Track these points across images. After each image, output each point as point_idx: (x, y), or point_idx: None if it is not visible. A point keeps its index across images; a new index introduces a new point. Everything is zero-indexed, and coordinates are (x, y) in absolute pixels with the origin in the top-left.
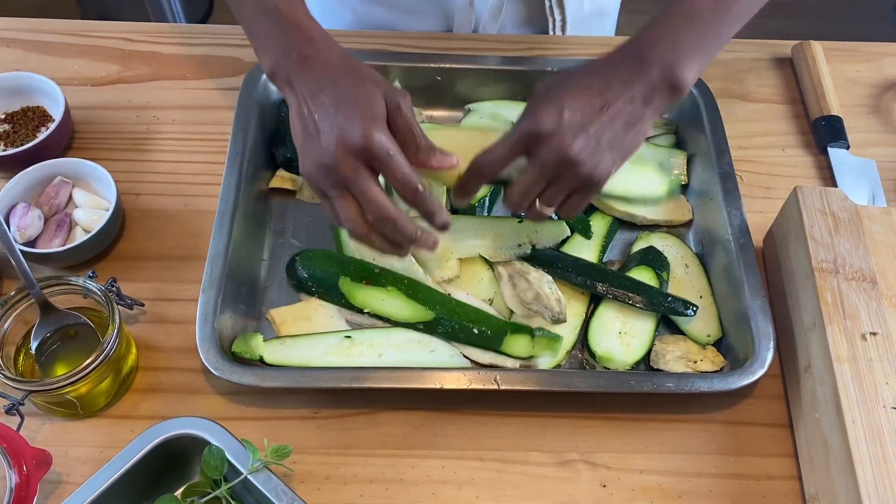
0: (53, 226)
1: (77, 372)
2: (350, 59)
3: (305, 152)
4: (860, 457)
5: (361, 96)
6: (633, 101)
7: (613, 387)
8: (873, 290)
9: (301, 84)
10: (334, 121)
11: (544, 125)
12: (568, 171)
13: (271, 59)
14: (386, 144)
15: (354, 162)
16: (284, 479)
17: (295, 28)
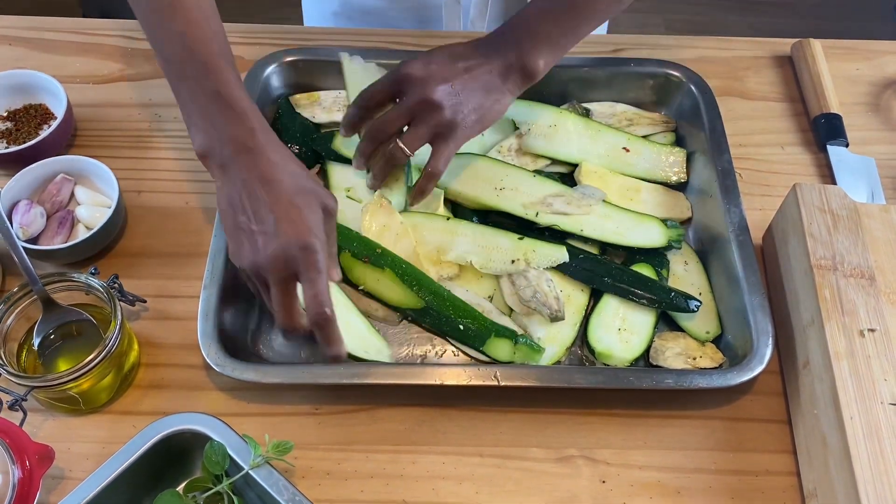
0: (56, 223)
1: (79, 368)
2: (290, 157)
3: (238, 245)
4: (858, 453)
5: (303, 203)
6: (492, 72)
7: (613, 383)
8: (872, 287)
9: (238, 174)
10: (273, 222)
11: (414, 70)
12: (430, 113)
13: (207, 141)
14: (320, 260)
15: (284, 270)
16: (286, 474)
17: (237, 117)
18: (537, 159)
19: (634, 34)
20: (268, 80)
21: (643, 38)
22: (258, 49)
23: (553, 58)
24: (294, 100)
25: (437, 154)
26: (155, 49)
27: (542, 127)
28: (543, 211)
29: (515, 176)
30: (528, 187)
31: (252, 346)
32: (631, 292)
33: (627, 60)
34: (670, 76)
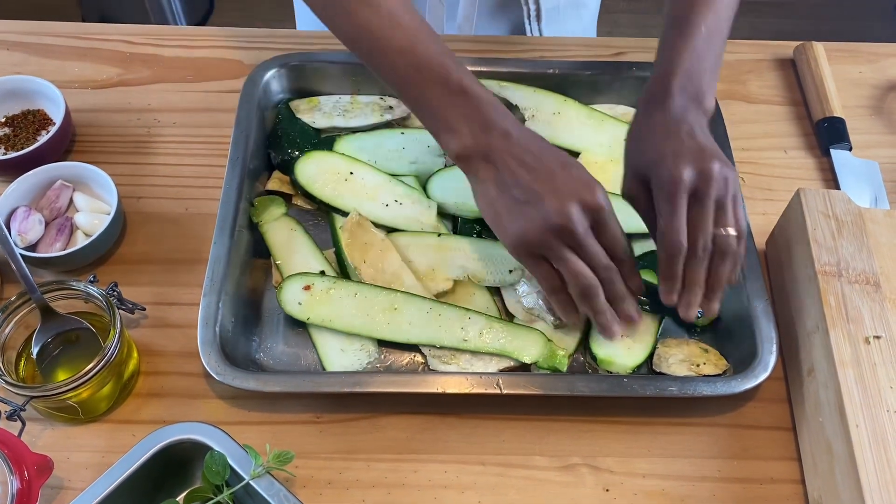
0: (54, 230)
1: (78, 377)
2: (542, 136)
3: (520, 218)
4: (864, 461)
5: (575, 163)
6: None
7: (616, 391)
8: (877, 294)
9: (505, 157)
10: (558, 182)
11: (684, 172)
12: (721, 185)
13: (468, 138)
14: (609, 203)
15: (586, 220)
16: (286, 483)
17: (489, 107)
18: None
19: (636, 37)
20: (267, 85)
21: (644, 41)
22: (258, 53)
23: (715, 85)
24: (294, 105)
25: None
26: (385, 72)
27: (546, 114)
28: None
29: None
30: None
31: (253, 354)
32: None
33: (629, 65)
34: None
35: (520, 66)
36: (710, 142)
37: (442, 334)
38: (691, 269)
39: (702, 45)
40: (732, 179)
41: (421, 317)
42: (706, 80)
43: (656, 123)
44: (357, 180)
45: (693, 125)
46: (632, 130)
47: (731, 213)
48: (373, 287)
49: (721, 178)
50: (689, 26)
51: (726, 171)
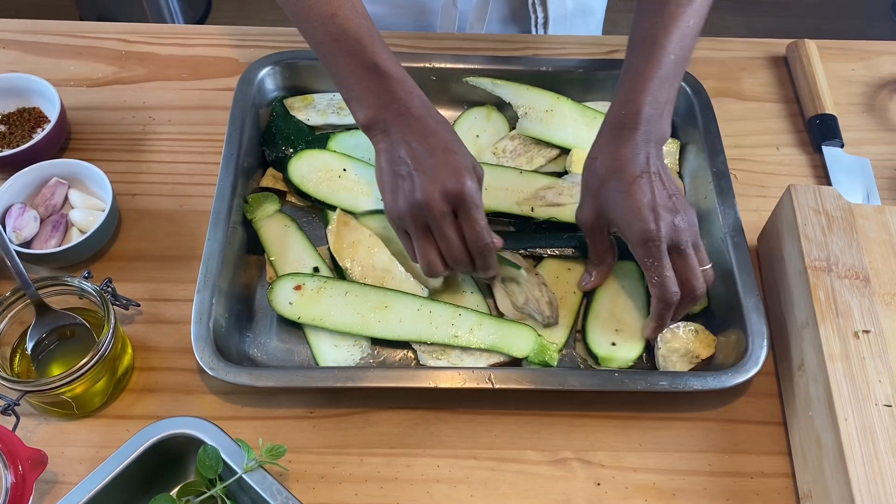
0: (49, 227)
1: (73, 372)
2: (445, 123)
3: (396, 191)
4: (852, 454)
5: (459, 149)
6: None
7: (608, 385)
8: (866, 289)
9: (399, 132)
10: (432, 165)
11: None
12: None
13: (371, 109)
14: (477, 193)
15: (445, 205)
16: (279, 478)
17: (396, 83)
18: (533, 160)
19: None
20: (262, 83)
21: None
22: (253, 51)
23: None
24: (288, 103)
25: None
26: (306, 36)
27: (539, 111)
28: (538, 205)
29: (504, 176)
30: (519, 185)
31: (246, 350)
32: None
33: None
34: None
35: (514, 63)
36: (672, 185)
37: (433, 331)
38: (679, 309)
39: (669, 71)
40: (695, 220)
41: (412, 314)
42: (668, 109)
43: (624, 162)
44: (350, 177)
45: (659, 167)
46: (596, 158)
47: (703, 253)
48: (363, 286)
49: (690, 224)
50: (657, 51)
51: (690, 214)
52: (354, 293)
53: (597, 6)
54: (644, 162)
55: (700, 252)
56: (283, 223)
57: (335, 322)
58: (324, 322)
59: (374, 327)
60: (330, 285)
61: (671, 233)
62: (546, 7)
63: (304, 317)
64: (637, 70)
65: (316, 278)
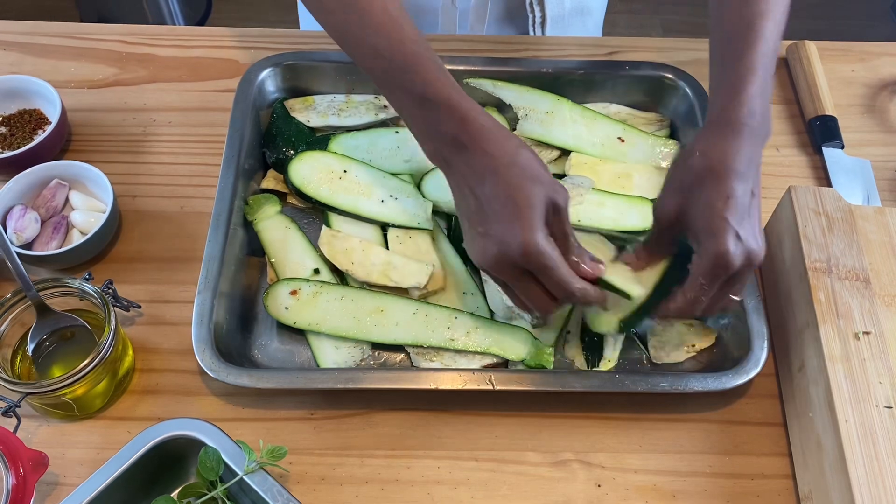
0: (50, 228)
1: (74, 374)
2: (508, 143)
3: (471, 244)
4: (853, 456)
5: (521, 199)
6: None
7: (608, 387)
8: (866, 290)
9: (458, 173)
10: (494, 225)
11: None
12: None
13: (427, 143)
14: (545, 256)
15: (513, 269)
16: (280, 479)
17: (446, 112)
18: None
19: (630, 37)
20: (262, 84)
21: (639, 40)
22: (254, 53)
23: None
24: (289, 104)
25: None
26: (358, 62)
27: (539, 113)
28: None
29: None
30: None
31: (247, 351)
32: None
33: (622, 63)
34: (665, 79)
35: (514, 65)
36: (757, 213)
37: (429, 334)
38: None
39: (769, 60)
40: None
41: (407, 318)
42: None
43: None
44: (351, 178)
45: (756, 179)
46: (695, 153)
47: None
48: (359, 290)
49: (755, 261)
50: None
51: (761, 253)
52: (350, 297)
53: (595, 6)
54: (745, 169)
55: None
56: (284, 225)
57: (331, 326)
58: (320, 327)
59: (371, 331)
60: (326, 290)
61: (738, 267)
62: (543, 6)
63: (300, 321)
64: (738, 58)
65: (312, 283)
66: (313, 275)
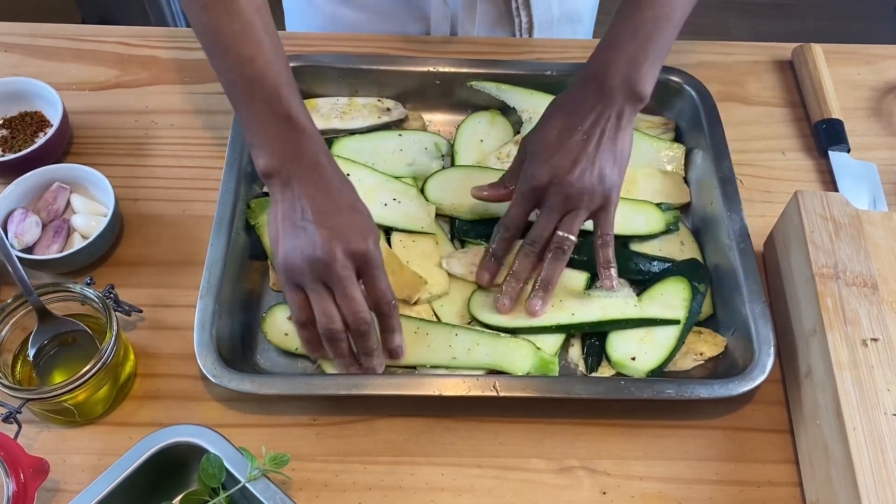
0: (51, 232)
1: (75, 379)
2: (348, 182)
3: (292, 243)
4: (861, 464)
5: (364, 210)
6: (608, 121)
7: (613, 393)
8: (874, 296)
9: (303, 186)
10: (337, 221)
11: (541, 179)
12: (579, 201)
13: (276, 159)
14: (380, 256)
15: (349, 263)
16: (283, 486)
17: (307, 138)
18: None
19: None
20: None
21: None
22: None
23: (655, 75)
24: None
25: (603, 223)
26: (219, 73)
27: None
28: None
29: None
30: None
31: (249, 356)
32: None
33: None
34: (670, 82)
35: (517, 67)
36: (604, 149)
37: (431, 354)
38: (517, 262)
39: (648, 28)
40: (599, 194)
41: (409, 338)
42: (647, 69)
43: (568, 113)
44: (354, 182)
45: (600, 123)
46: (556, 98)
47: (577, 223)
48: None
49: (579, 193)
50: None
51: (590, 185)
52: None
53: (585, 13)
54: (577, 115)
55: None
56: None
57: None
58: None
59: None
60: None
61: (546, 182)
62: (530, 11)
63: (300, 347)
64: (612, 30)
65: None
66: None
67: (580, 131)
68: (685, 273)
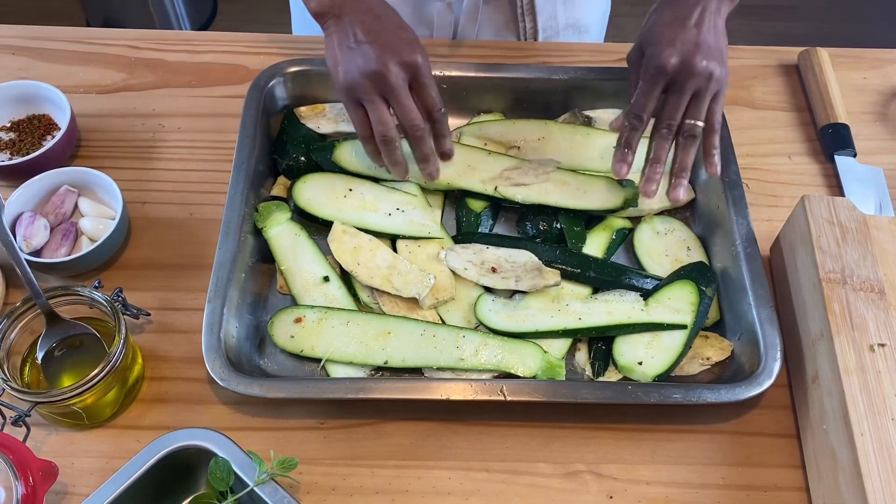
0: (59, 235)
1: (83, 383)
2: (394, 8)
3: (349, 63)
4: (869, 470)
5: (410, 29)
6: (712, 15)
7: (621, 398)
8: (881, 301)
9: (352, 14)
10: (388, 38)
11: (668, 60)
12: (704, 83)
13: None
14: (429, 65)
15: (402, 73)
16: (290, 489)
17: None
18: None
19: None
20: (272, 91)
21: None
22: (262, 59)
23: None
24: (298, 112)
25: (717, 109)
26: None
27: (531, 142)
28: (502, 185)
29: (471, 155)
30: (485, 164)
31: (257, 360)
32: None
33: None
34: None
35: (525, 71)
36: (712, 37)
37: (438, 355)
38: (655, 146)
39: None
40: (717, 77)
41: (415, 339)
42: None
43: (682, 4)
44: (356, 195)
45: (706, 16)
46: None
47: (703, 107)
48: (365, 314)
49: (704, 73)
50: None
51: (712, 66)
52: (356, 322)
53: (592, 24)
54: (698, 13)
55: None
56: (294, 232)
57: (339, 353)
58: (328, 354)
59: (378, 356)
60: (331, 315)
61: (677, 70)
62: (535, 17)
63: (306, 349)
64: None
65: (316, 309)
66: (323, 282)
67: (691, 22)
68: (693, 276)
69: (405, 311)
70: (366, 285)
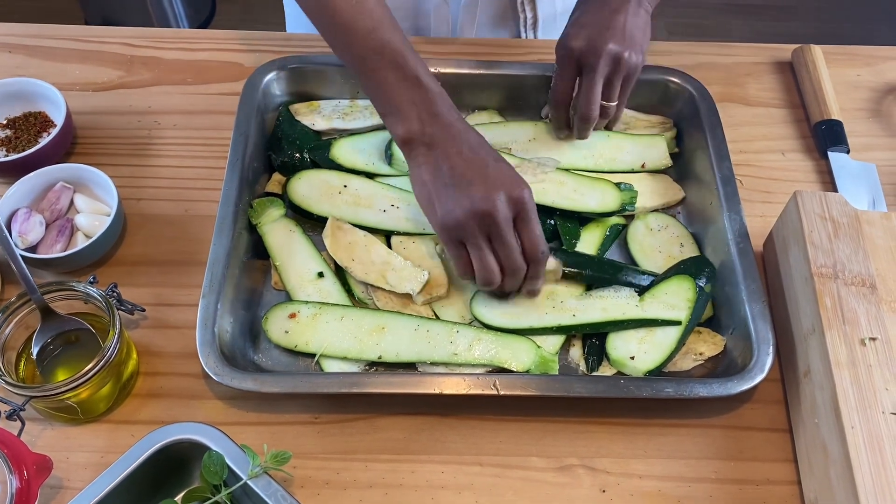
0: (55, 231)
1: (78, 377)
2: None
3: (449, 199)
4: (859, 463)
5: (506, 162)
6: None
7: (613, 392)
8: (873, 296)
9: (445, 145)
10: (490, 174)
11: (577, 43)
12: (616, 66)
13: (414, 122)
14: (534, 203)
15: (508, 211)
16: (284, 483)
17: (437, 97)
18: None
19: None
20: (267, 88)
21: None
22: (258, 56)
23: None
24: (293, 108)
25: (624, 93)
26: (343, 49)
27: (522, 143)
28: None
29: None
30: None
31: (251, 355)
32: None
33: None
34: (670, 83)
35: (520, 68)
36: (630, 23)
37: (432, 350)
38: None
39: None
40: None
41: (409, 334)
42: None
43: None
44: (351, 192)
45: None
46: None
47: (615, 92)
48: (359, 309)
49: (610, 55)
50: None
51: (620, 49)
52: (350, 317)
53: None
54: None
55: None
56: (288, 228)
57: (334, 348)
58: (322, 349)
59: (373, 351)
60: (325, 311)
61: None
62: (535, 7)
63: (300, 345)
64: None
65: (311, 305)
66: (317, 278)
67: (609, 7)
68: (692, 271)
69: (399, 306)
70: (360, 281)
